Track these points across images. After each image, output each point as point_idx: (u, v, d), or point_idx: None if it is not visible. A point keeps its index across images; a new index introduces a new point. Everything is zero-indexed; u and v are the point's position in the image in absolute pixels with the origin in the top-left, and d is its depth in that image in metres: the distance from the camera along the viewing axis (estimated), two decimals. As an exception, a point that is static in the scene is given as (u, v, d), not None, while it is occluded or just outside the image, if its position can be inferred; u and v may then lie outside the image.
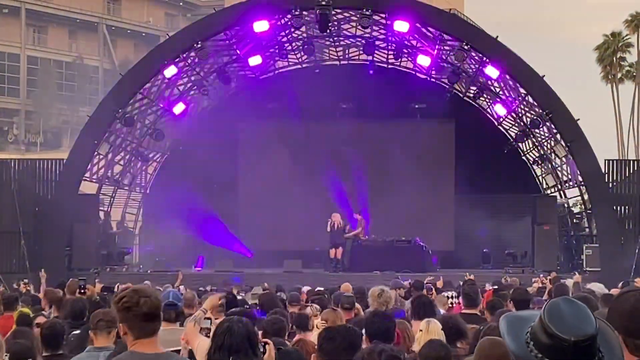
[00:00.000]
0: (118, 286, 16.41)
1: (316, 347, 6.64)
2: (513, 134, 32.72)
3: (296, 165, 33.32)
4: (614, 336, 3.33)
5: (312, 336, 8.57)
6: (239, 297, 13.42)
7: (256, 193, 33.40)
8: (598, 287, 17.55)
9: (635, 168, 29.82)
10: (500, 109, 31.46)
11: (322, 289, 16.37)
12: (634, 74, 69.61)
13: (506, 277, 22.57)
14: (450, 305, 13.53)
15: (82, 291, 14.01)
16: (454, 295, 14.23)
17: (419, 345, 8.23)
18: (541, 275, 22.95)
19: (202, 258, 31.67)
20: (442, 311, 12.53)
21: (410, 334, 8.54)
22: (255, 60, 31.62)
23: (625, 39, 70.81)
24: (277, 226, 32.78)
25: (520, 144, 32.88)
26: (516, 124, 32.25)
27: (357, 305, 10.69)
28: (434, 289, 16.78)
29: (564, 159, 30.04)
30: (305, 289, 17.39)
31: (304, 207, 32.44)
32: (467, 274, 20.62)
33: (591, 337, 3.16)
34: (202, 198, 32.64)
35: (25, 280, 19.77)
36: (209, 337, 6.59)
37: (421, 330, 8.41)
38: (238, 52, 31.07)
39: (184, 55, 29.28)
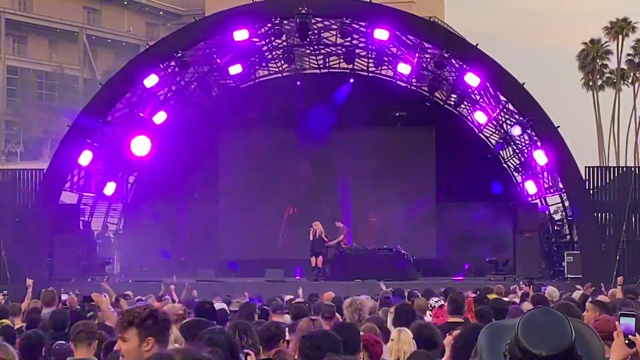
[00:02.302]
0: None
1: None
2: (494, 142, 32.74)
3: (277, 174, 33.29)
4: (595, 340, 3.28)
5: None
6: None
7: (237, 202, 33.30)
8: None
9: (616, 175, 29.90)
10: (480, 117, 31.52)
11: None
12: (614, 80, 69.90)
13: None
14: (431, 308, 13.43)
15: (65, 305, 13.85)
16: (440, 299, 14.15)
17: (391, 355, 8.23)
18: (521, 283, 22.90)
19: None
20: (426, 318, 12.50)
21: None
22: (235, 69, 31.61)
23: (604, 46, 71.10)
24: (258, 235, 32.67)
25: (500, 152, 32.93)
26: (497, 132, 32.30)
27: (337, 314, 10.66)
28: (420, 295, 16.76)
29: (544, 166, 30.09)
30: (287, 297, 17.29)
31: (285, 215, 32.38)
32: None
33: (565, 350, 3.11)
34: (183, 207, 32.53)
35: (5, 292, 19.49)
36: None
37: (392, 340, 8.40)
38: (218, 61, 31.05)
39: (165, 64, 29.23)
